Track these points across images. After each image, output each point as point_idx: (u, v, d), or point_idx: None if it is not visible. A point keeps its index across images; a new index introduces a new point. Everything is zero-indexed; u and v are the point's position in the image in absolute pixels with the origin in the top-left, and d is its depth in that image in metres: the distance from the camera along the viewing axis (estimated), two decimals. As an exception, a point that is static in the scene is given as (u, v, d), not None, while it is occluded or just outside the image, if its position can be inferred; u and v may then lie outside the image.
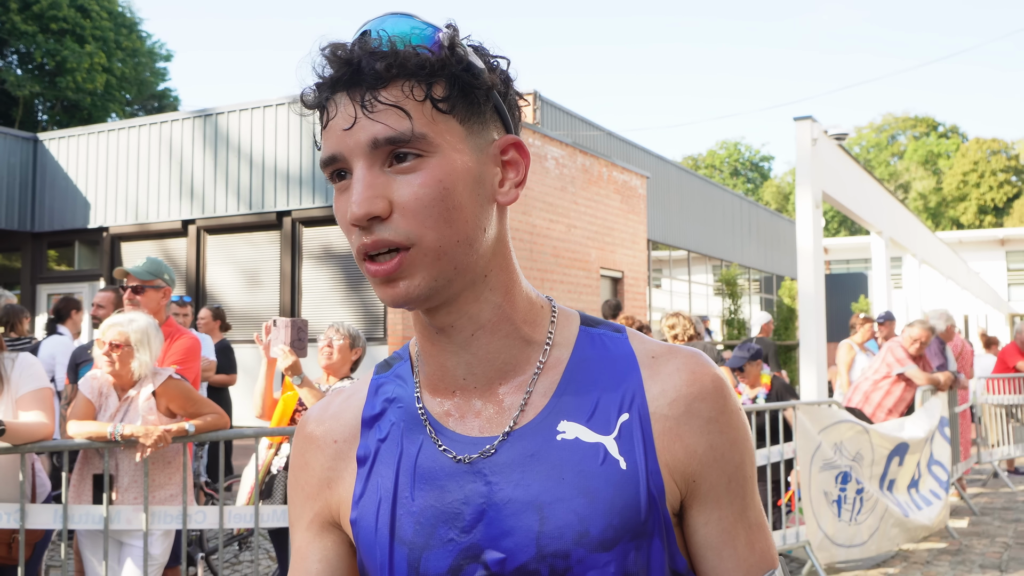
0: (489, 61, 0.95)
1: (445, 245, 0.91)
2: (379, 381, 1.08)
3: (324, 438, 1.06)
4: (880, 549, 5.91)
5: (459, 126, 0.93)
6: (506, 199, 0.97)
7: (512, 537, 0.92)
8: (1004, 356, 10.49)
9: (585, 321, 1.04)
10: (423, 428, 1.00)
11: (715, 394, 0.97)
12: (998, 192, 56.78)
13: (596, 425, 0.95)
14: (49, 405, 3.72)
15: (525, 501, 0.92)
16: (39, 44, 28.95)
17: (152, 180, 14.66)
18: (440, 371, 1.00)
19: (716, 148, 67.72)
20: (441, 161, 0.90)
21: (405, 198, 0.89)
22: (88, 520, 3.80)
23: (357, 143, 0.90)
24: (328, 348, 4.40)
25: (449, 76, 0.91)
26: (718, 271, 23.99)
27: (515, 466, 0.94)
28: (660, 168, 21.14)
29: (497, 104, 0.97)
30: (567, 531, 0.91)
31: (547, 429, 0.95)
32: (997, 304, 30.35)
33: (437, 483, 0.96)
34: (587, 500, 0.91)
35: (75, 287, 15.52)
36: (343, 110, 0.91)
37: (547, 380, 0.98)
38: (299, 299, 13.33)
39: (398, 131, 0.89)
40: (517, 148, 0.98)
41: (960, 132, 65.09)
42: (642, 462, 0.93)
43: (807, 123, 8.93)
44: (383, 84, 0.89)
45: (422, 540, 0.95)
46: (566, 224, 15.15)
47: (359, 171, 0.90)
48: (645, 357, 0.99)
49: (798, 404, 5.64)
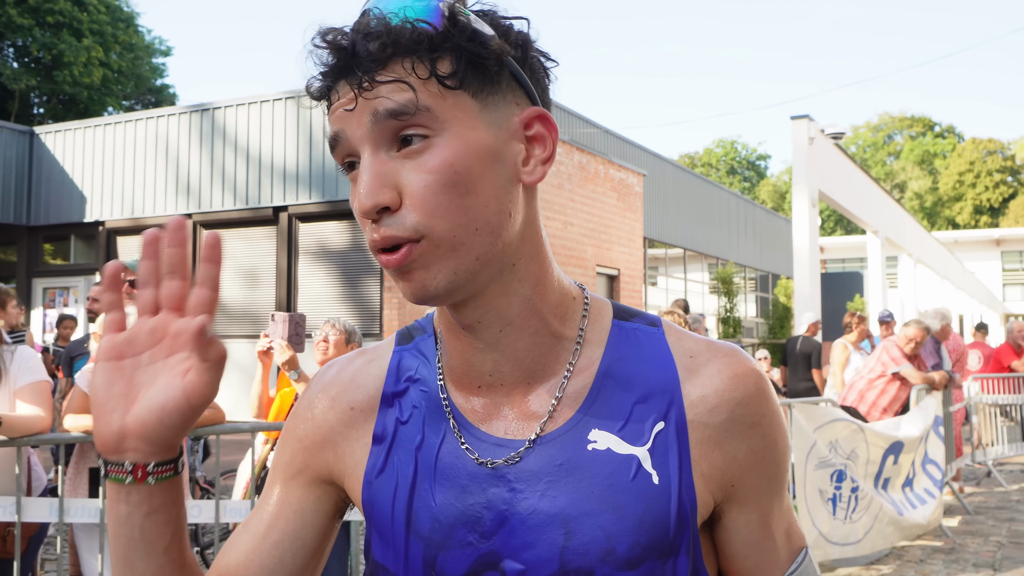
0: (501, 25, 0.87)
1: (460, 235, 0.84)
2: (401, 354, 1.01)
3: (340, 400, 1.01)
4: (874, 547, 5.93)
5: (471, 100, 0.84)
6: (532, 178, 0.88)
7: (534, 549, 0.88)
8: (998, 355, 10.52)
9: (618, 313, 0.98)
10: (446, 419, 0.94)
11: (758, 396, 0.92)
12: (994, 192, 56.92)
13: (629, 435, 0.90)
14: (47, 398, 3.72)
15: (551, 513, 0.88)
16: (35, 37, 28.88)
17: (148, 175, 14.64)
18: (465, 366, 0.94)
19: (713, 146, 67.81)
20: (451, 140, 0.83)
21: (414, 186, 0.83)
22: (84, 514, 3.80)
23: (360, 123, 0.84)
24: (324, 343, 4.40)
25: (454, 48, 0.83)
26: (714, 269, 24.02)
27: (542, 475, 0.89)
28: (657, 166, 21.15)
29: (515, 72, 0.88)
30: (592, 548, 0.86)
31: (577, 438, 0.90)
32: (992, 304, 30.43)
33: (458, 482, 0.92)
34: (616, 516, 0.87)
35: (70, 281, 15.51)
36: (344, 96, 0.85)
37: (578, 383, 0.93)
38: (295, 295, 13.32)
39: (400, 103, 0.82)
40: (542, 121, 0.89)
41: (956, 132, 65.25)
42: (675, 475, 0.89)
43: (804, 122, 8.95)
44: (380, 65, 0.82)
45: (439, 538, 0.91)
46: (562, 221, 15.15)
47: (366, 157, 0.84)
48: (683, 356, 0.94)
49: (793, 402, 5.65)
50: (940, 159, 61.36)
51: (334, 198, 12.90)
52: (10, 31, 28.83)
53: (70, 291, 15.48)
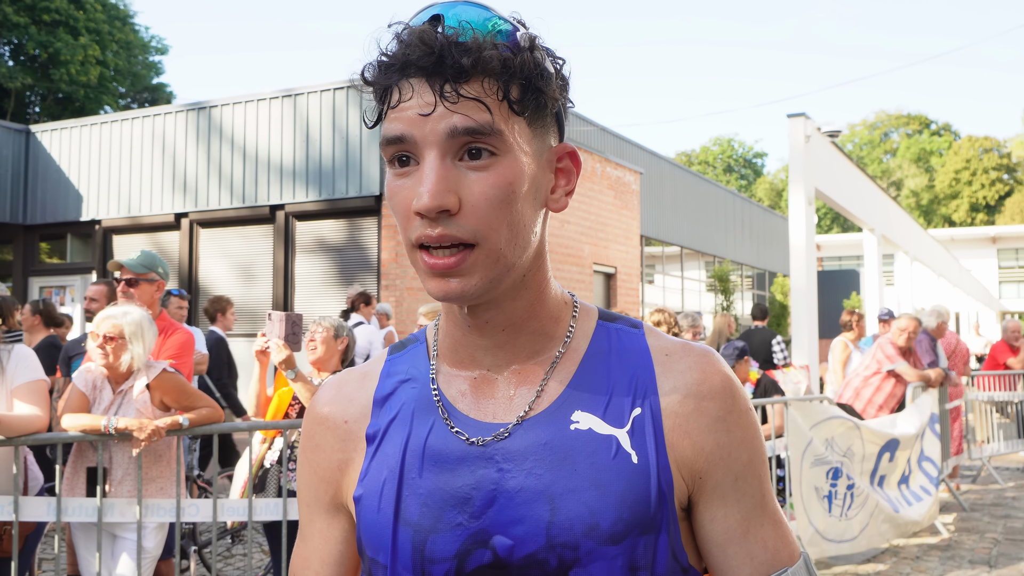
0: (556, 65, 0.95)
1: (505, 248, 0.91)
2: (392, 362, 1.08)
3: (335, 419, 1.06)
4: (870, 544, 5.95)
5: (527, 128, 0.93)
6: (557, 206, 0.98)
7: (522, 525, 0.92)
8: (994, 352, 10.55)
9: (603, 316, 1.06)
10: (435, 409, 1.00)
11: (723, 393, 0.98)
12: (990, 190, 56.99)
13: (610, 418, 0.96)
14: (44, 398, 3.72)
15: (537, 490, 0.93)
16: (31, 36, 28.80)
17: (145, 173, 14.62)
18: (468, 358, 1.01)
19: (710, 144, 67.81)
20: (512, 162, 0.91)
21: (475, 196, 0.89)
22: (81, 513, 3.80)
23: (434, 131, 0.88)
24: (312, 342, 4.41)
25: (525, 78, 0.91)
26: (711, 267, 24.04)
27: (528, 454, 0.94)
28: (654, 164, 21.16)
29: (558, 112, 0.97)
30: (577, 523, 0.91)
31: (561, 418, 0.96)
32: (988, 301, 30.47)
33: (447, 466, 0.96)
34: (598, 493, 0.92)
35: (67, 280, 15.48)
36: (420, 95, 0.89)
37: (563, 370, 0.99)
38: (292, 293, 13.32)
39: (479, 123, 0.88)
40: (572, 157, 0.99)
41: (952, 130, 65.30)
42: (653, 457, 0.94)
43: (800, 120, 8.96)
44: (465, 78, 0.88)
45: (428, 523, 0.94)
46: (559, 219, 15.16)
47: (432, 160, 0.89)
48: (659, 354, 1.00)
49: (789, 400, 5.67)
50: (936, 157, 61.42)
51: (331, 196, 12.89)
52: (6, 29, 28.76)
53: (66, 290, 15.46)
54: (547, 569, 0.91)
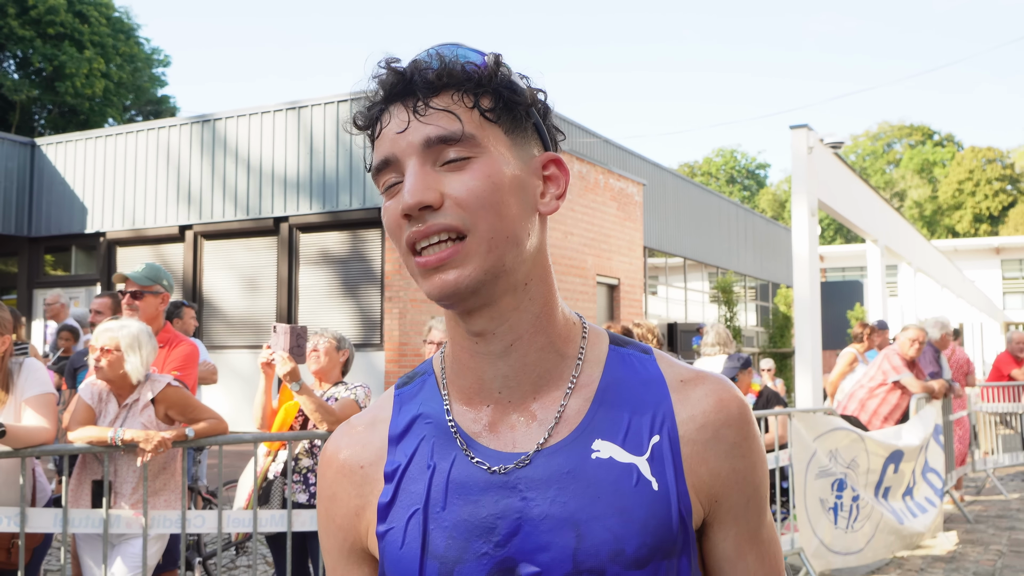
0: (531, 88, 1.01)
1: (496, 237, 0.94)
2: (402, 396, 1.09)
3: (350, 465, 1.07)
4: (876, 556, 5.94)
5: (504, 136, 0.98)
6: (547, 209, 1.01)
7: (548, 552, 0.94)
8: (999, 364, 10.53)
9: (614, 340, 1.07)
10: (455, 443, 1.01)
11: (740, 421, 1.01)
12: (993, 201, 56.95)
13: (629, 445, 0.98)
14: (52, 410, 3.74)
15: (562, 518, 0.94)
16: (36, 49, 28.95)
17: (149, 185, 14.68)
18: (477, 384, 1.02)
19: (712, 156, 67.83)
20: (489, 160, 0.95)
21: (457, 191, 0.94)
22: (88, 524, 3.81)
23: (410, 144, 0.95)
24: (315, 352, 4.44)
25: (494, 90, 0.97)
26: (714, 278, 24.03)
27: (551, 482, 0.96)
28: (656, 175, 21.19)
29: (537, 123, 1.02)
30: (603, 548, 0.93)
31: (582, 447, 0.98)
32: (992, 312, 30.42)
33: (471, 498, 0.97)
34: (622, 519, 0.94)
35: (72, 292, 15.52)
36: (396, 117, 0.96)
37: (580, 397, 1.01)
38: (296, 305, 13.34)
39: (449, 131, 0.94)
40: (558, 164, 1.04)
41: (956, 141, 65.27)
42: (672, 483, 0.97)
43: (803, 131, 8.97)
44: (434, 92, 0.95)
45: (455, 554, 0.96)
46: (563, 231, 15.18)
47: (412, 166, 0.94)
48: (675, 381, 1.03)
49: (793, 411, 5.67)
50: (939, 168, 61.42)
51: (335, 208, 12.93)
52: (11, 42, 28.91)
53: (71, 302, 15.49)
54: None
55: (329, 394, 4.41)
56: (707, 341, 6.99)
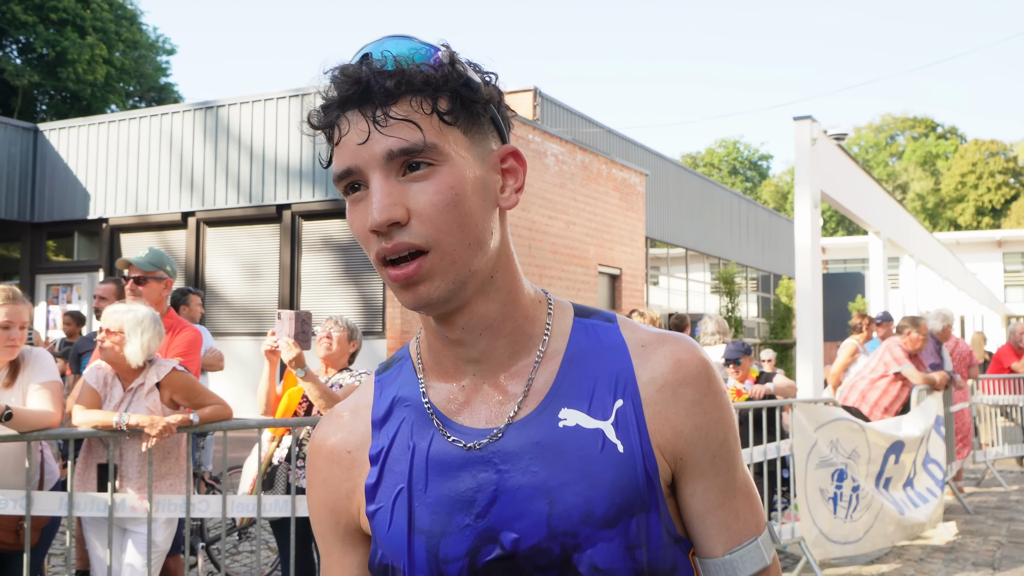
0: (484, 76, 1.02)
1: (459, 248, 0.97)
2: (382, 382, 1.13)
3: (338, 451, 1.12)
4: (875, 546, 5.97)
5: (463, 136, 0.99)
6: (507, 204, 1.03)
7: (525, 519, 0.99)
8: (999, 356, 10.55)
9: (579, 312, 1.11)
10: (431, 423, 1.05)
11: (699, 378, 1.04)
12: (996, 193, 56.88)
13: (595, 411, 1.02)
14: (58, 397, 3.78)
15: (534, 486, 1.00)
16: (39, 34, 28.89)
17: (152, 172, 14.67)
18: (451, 366, 1.07)
19: (715, 146, 67.74)
20: (451, 169, 0.96)
21: (421, 205, 0.95)
22: (93, 507, 3.84)
23: (372, 156, 0.96)
24: (327, 339, 4.46)
25: (451, 91, 0.97)
26: (716, 269, 24.04)
27: (523, 453, 1.01)
28: (659, 166, 21.18)
29: (494, 116, 1.03)
30: (574, 512, 0.98)
31: (549, 417, 1.02)
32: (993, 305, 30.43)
33: (450, 474, 1.02)
34: (591, 483, 0.99)
35: (74, 278, 15.54)
36: (355, 126, 0.97)
37: (546, 370, 1.05)
38: (298, 292, 13.35)
39: (411, 142, 0.94)
40: (515, 157, 1.05)
41: (959, 133, 65.18)
42: (637, 444, 1.01)
43: (806, 123, 8.96)
44: (393, 100, 0.95)
45: (439, 528, 1.01)
46: (565, 221, 15.18)
47: (376, 182, 0.96)
48: (635, 346, 1.06)
49: (795, 402, 5.69)
50: (942, 160, 61.31)
51: (337, 196, 12.93)
52: (14, 28, 28.85)
53: (73, 288, 15.51)
54: (551, 556, 0.98)
55: (334, 380, 4.43)
56: (707, 330, 7.06)
